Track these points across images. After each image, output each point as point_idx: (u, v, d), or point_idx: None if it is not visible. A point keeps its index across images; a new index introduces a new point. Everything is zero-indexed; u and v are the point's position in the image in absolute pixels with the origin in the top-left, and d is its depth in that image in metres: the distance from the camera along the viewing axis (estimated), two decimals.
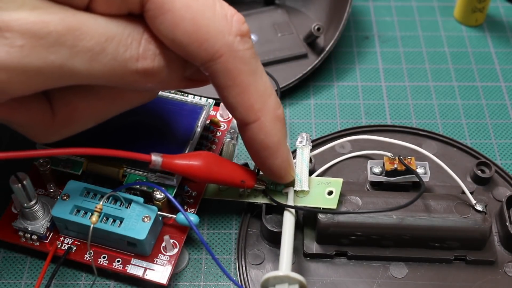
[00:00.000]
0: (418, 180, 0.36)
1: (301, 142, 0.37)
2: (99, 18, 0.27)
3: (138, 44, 0.28)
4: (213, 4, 0.28)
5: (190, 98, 0.39)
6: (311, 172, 0.38)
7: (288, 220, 0.34)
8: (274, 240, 0.36)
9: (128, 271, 0.35)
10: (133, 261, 0.35)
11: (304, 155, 0.36)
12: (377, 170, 0.38)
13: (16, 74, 0.25)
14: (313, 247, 0.36)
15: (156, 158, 0.32)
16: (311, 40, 0.48)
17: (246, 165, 0.36)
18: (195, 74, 0.31)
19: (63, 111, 0.29)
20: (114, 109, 0.31)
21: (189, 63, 0.30)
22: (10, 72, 0.25)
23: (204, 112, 0.38)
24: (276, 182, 0.36)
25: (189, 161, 0.33)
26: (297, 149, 0.36)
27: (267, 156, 0.32)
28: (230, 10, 0.29)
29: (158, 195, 0.35)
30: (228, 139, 0.39)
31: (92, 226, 0.32)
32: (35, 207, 0.34)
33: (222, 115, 0.40)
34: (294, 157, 0.36)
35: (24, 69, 0.25)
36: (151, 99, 0.33)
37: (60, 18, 0.25)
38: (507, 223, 0.36)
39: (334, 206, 0.35)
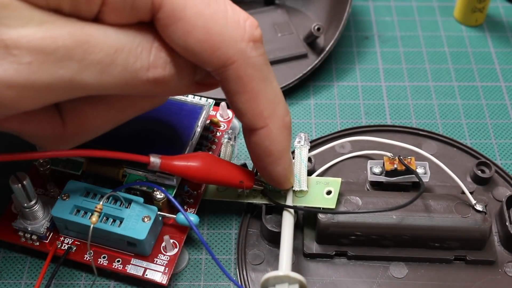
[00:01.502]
0: (418, 180, 0.36)
1: (299, 142, 0.37)
2: (108, 29, 0.26)
3: (148, 53, 0.27)
4: (225, 9, 0.28)
5: (190, 98, 0.39)
6: (311, 172, 0.38)
7: (287, 220, 0.34)
8: (274, 240, 0.36)
9: (128, 271, 0.35)
10: (133, 261, 0.35)
11: (302, 155, 0.36)
12: (377, 170, 0.38)
13: (26, 90, 0.25)
14: (313, 247, 0.36)
15: (154, 159, 0.32)
16: (311, 40, 0.48)
17: (244, 165, 0.36)
18: (205, 79, 0.30)
19: (74, 120, 0.29)
20: (125, 115, 0.31)
21: (199, 68, 0.29)
22: (19, 89, 0.24)
23: (204, 112, 0.38)
24: None
25: (187, 162, 0.33)
26: (295, 149, 0.36)
27: (270, 162, 0.32)
28: (242, 14, 0.28)
29: (158, 195, 0.35)
30: (226, 140, 0.39)
31: (92, 226, 0.32)
32: (35, 207, 0.34)
33: (222, 115, 0.40)
34: (293, 158, 0.36)
35: (33, 85, 0.25)
36: (161, 104, 0.32)
37: (68, 32, 0.25)
38: (507, 223, 0.36)
39: (333, 206, 0.35)
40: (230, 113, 0.41)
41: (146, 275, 0.35)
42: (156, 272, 0.35)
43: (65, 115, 0.29)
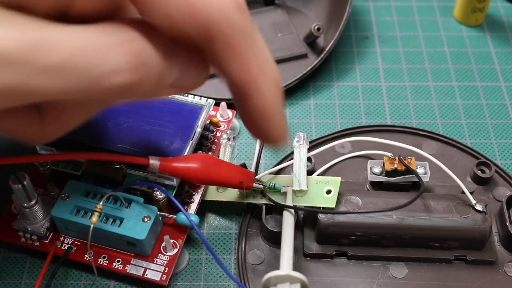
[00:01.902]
0: (418, 180, 0.36)
1: (298, 141, 0.37)
2: (70, 29, 0.24)
3: (114, 56, 0.24)
4: None
5: (190, 98, 0.39)
6: (311, 172, 0.38)
7: (288, 220, 0.34)
8: (274, 240, 0.36)
9: (128, 271, 0.35)
10: (133, 261, 0.35)
11: (301, 154, 0.36)
12: (377, 170, 0.38)
13: None
14: (313, 247, 0.36)
15: (154, 161, 0.32)
16: (311, 40, 0.48)
17: (244, 165, 0.36)
18: (179, 81, 0.28)
19: (52, 113, 0.27)
20: (105, 104, 0.29)
21: (171, 70, 0.27)
22: None
23: (204, 112, 0.38)
24: (274, 182, 0.36)
25: (186, 164, 0.33)
26: (295, 149, 0.36)
27: (266, 124, 0.30)
28: None
29: (159, 195, 0.35)
30: (225, 140, 0.39)
31: (92, 226, 0.32)
32: (35, 207, 0.34)
33: (222, 115, 0.40)
34: (292, 158, 0.36)
35: None
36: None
37: (21, 33, 0.22)
38: (507, 223, 0.36)
39: (332, 205, 0.35)
40: (230, 113, 0.41)
41: (146, 275, 0.35)
42: (156, 272, 0.35)
43: (41, 108, 0.27)
